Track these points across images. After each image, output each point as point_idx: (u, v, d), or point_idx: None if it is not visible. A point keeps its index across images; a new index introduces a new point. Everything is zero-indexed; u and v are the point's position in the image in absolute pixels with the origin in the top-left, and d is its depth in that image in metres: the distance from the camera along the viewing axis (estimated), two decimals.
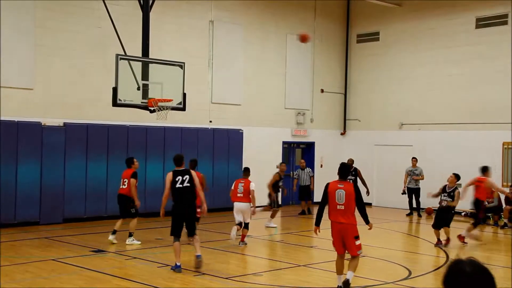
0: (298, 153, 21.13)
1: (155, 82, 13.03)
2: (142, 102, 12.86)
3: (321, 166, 20.98)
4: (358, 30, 21.32)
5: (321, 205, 8.37)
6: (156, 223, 15.13)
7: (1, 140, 13.61)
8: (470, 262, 2.32)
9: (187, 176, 9.55)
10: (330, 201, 8.19)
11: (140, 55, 13.37)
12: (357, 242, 8.18)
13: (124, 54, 12.98)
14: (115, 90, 12.40)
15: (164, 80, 13.15)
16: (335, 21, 21.28)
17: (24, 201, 13.81)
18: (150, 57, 13.41)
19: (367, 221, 8.48)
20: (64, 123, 14.70)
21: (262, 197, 18.44)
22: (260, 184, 18.71)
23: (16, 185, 13.87)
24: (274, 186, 14.96)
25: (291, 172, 19.78)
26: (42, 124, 14.33)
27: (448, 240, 12.40)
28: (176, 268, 9.38)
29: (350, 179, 14.16)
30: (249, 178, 12.48)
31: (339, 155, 21.33)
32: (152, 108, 12.87)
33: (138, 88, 12.84)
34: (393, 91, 20.26)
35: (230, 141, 18.04)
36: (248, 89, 18.72)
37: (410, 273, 9.77)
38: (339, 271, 8.28)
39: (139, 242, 11.77)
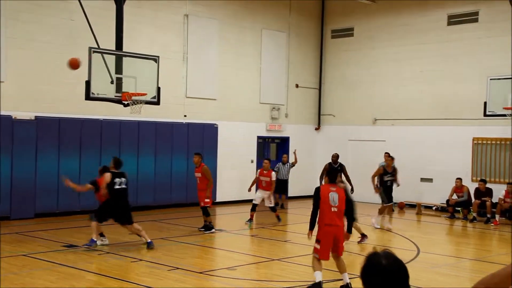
0: (273, 148, 21.19)
1: (129, 76, 12.90)
2: (115, 96, 12.73)
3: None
4: (332, 25, 21.44)
5: (315, 209, 8.16)
6: None
7: None
8: (386, 255, 2.42)
9: (124, 179, 10.88)
10: (323, 205, 8.00)
11: (114, 49, 13.23)
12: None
13: (97, 47, 12.82)
14: (88, 83, 12.25)
15: (138, 74, 13.03)
16: (310, 16, 21.37)
17: None
18: (124, 50, 13.28)
19: (350, 230, 8.60)
20: (36, 116, 14.48)
21: (233, 190, 18.50)
22: (233, 177, 18.78)
23: None
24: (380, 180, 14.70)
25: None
26: (13, 117, 14.10)
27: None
28: (92, 243, 10.49)
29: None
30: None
31: (313, 150, 21.49)
32: (125, 102, 12.75)
33: (112, 82, 12.70)
34: (367, 87, 20.45)
35: (205, 136, 18.01)
36: (223, 83, 18.69)
37: None
38: (319, 268, 8.07)
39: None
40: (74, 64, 11.24)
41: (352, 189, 14.85)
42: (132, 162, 16.20)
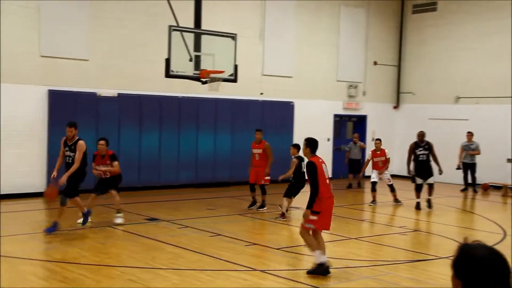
0: (350, 126, 20.86)
1: (207, 53, 13.03)
2: (194, 73, 12.91)
3: (373, 139, 20.64)
4: (414, 0, 20.64)
5: (317, 185, 7.57)
6: (207, 193, 15.35)
7: (59, 110, 14.01)
8: (482, 246, 2.27)
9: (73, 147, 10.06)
10: (321, 177, 7.67)
11: (193, 27, 13.38)
12: None
13: (176, 25, 13.01)
14: (167, 61, 12.48)
15: (216, 52, 13.13)
16: None
17: None
18: (202, 28, 13.41)
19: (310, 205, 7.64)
20: (118, 93, 14.97)
21: None
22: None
23: None
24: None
25: (341, 146, 19.60)
26: (98, 94, 14.64)
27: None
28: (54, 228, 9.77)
29: (423, 154, 13.42)
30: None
31: (391, 129, 20.97)
32: (204, 80, 12.91)
33: (190, 60, 12.86)
34: (449, 64, 19.61)
35: (281, 114, 17.97)
36: (300, 61, 18.52)
37: None
38: (318, 246, 7.66)
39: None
40: (50, 195, 10.01)
41: (440, 171, 13.51)
42: (209, 139, 16.46)
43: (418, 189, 13.51)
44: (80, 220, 10.41)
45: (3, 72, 13.30)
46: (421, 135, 13.77)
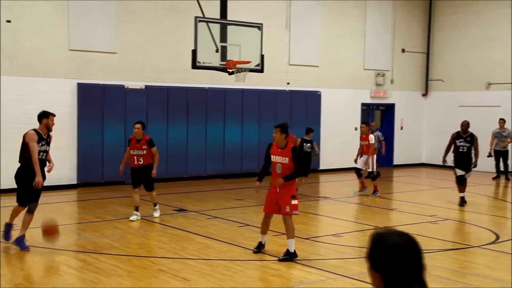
0: (378, 115, 20.64)
1: (233, 44, 13.01)
2: (220, 64, 12.91)
3: (401, 128, 20.44)
4: None
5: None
6: (235, 184, 15.39)
7: (87, 103, 14.18)
8: (398, 233, 2.20)
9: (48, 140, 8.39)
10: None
11: (218, 17, 13.37)
12: None
13: (202, 16, 13.01)
14: (194, 52, 12.50)
15: (242, 42, 13.10)
16: None
17: (110, 161, 14.36)
18: (228, 19, 13.38)
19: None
20: (145, 85, 15.07)
21: (336, 157, 18.28)
22: (337, 145, 18.54)
23: (103, 146, 14.47)
24: None
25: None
26: (125, 87, 14.77)
27: None
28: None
29: (464, 146, 12.42)
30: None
31: (420, 117, 20.69)
32: (230, 70, 12.90)
33: (217, 50, 12.87)
34: (480, 50, 19.21)
35: (308, 103, 17.87)
36: (326, 50, 18.37)
37: (497, 237, 9.38)
38: None
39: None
40: (49, 233, 7.91)
41: (475, 164, 12.44)
42: (236, 130, 16.48)
43: (460, 181, 12.40)
44: (156, 211, 10.68)
45: (34, 67, 13.51)
46: (465, 125, 12.51)
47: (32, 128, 8.22)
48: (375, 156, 13.85)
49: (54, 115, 8.33)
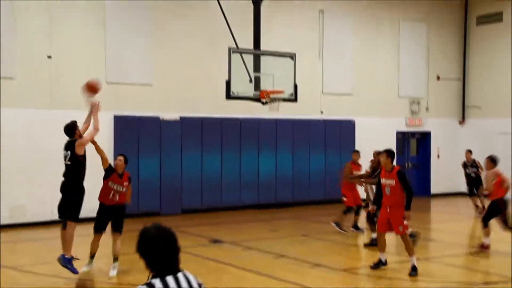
0: (413, 144, 20.33)
1: (266, 73, 13.08)
2: (254, 94, 12.97)
3: (438, 157, 20.05)
4: (477, 11, 20.03)
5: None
6: (269, 214, 15.27)
7: (124, 135, 14.38)
8: (156, 226, 2.90)
9: (70, 152, 8.30)
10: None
11: (251, 47, 13.48)
12: None
13: (236, 47, 13.15)
14: (228, 83, 12.60)
15: (275, 71, 13.16)
16: (452, 3, 20.15)
17: (146, 193, 14.47)
18: (261, 48, 13.48)
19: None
20: (180, 117, 15.22)
21: None
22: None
23: (138, 177, 14.58)
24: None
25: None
26: (161, 118, 14.94)
27: None
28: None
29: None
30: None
31: (457, 145, 20.27)
32: (264, 100, 12.94)
33: (250, 81, 12.95)
34: None
35: (342, 132, 17.74)
36: (360, 78, 18.29)
37: None
38: None
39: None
40: (92, 89, 8.93)
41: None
42: (271, 160, 16.43)
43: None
44: (114, 269, 8.82)
45: (73, 100, 13.80)
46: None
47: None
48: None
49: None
